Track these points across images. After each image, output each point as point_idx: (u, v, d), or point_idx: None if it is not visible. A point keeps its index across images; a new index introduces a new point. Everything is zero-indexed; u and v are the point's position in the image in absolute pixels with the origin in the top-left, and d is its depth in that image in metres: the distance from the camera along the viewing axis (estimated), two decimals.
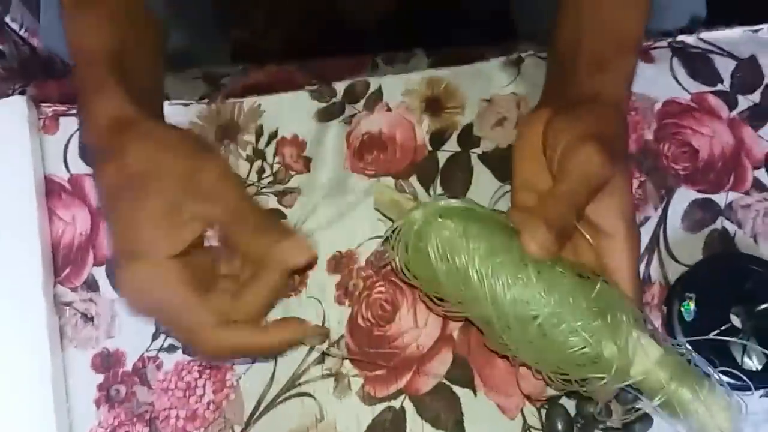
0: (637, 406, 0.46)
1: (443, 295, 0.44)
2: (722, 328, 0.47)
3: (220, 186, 0.40)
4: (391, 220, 0.49)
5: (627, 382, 0.40)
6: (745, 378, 0.44)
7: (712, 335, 0.47)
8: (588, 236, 0.42)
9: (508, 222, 0.42)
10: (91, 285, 0.51)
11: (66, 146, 0.56)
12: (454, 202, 0.44)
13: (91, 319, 0.50)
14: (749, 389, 0.46)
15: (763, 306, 0.47)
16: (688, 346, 0.46)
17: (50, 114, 0.57)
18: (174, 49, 0.54)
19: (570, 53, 0.49)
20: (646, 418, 0.45)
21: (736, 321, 0.47)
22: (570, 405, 0.46)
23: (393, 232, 0.45)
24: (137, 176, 0.40)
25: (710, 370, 0.41)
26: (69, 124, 0.56)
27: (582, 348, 0.39)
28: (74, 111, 0.57)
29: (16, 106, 0.55)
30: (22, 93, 0.58)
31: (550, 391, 0.46)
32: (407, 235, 0.44)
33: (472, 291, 0.41)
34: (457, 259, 0.41)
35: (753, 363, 0.46)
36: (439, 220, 0.43)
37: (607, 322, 0.40)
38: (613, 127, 0.44)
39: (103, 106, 0.43)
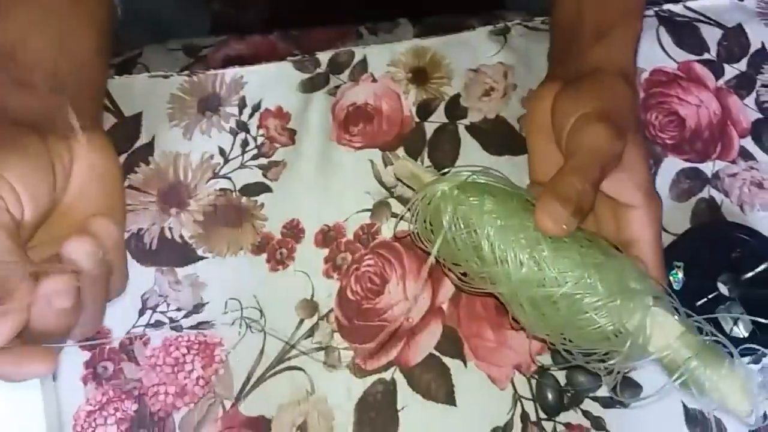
0: (626, 375, 0.46)
1: (463, 269, 0.43)
2: (710, 296, 0.47)
3: None
4: (412, 189, 0.48)
5: (646, 359, 0.39)
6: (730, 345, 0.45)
7: (699, 303, 0.47)
8: (608, 210, 0.42)
9: (527, 197, 0.42)
10: None
11: None
12: (475, 176, 0.43)
13: None
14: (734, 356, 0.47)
15: (750, 274, 0.47)
16: (709, 326, 0.47)
17: None
18: (154, 22, 0.53)
19: (572, 23, 0.48)
20: (635, 387, 0.46)
21: (723, 289, 0.47)
22: (560, 375, 0.46)
23: (414, 204, 0.44)
24: None
25: (732, 348, 0.39)
26: None
27: (598, 326, 0.39)
28: None
29: None
30: None
31: (540, 363, 0.47)
32: (424, 209, 0.43)
33: (487, 267, 0.40)
34: (473, 235, 0.41)
35: (740, 330, 0.46)
36: (456, 193, 0.42)
37: (626, 299, 0.39)
38: (620, 97, 0.43)
39: None
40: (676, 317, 0.39)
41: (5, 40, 0.42)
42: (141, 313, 0.49)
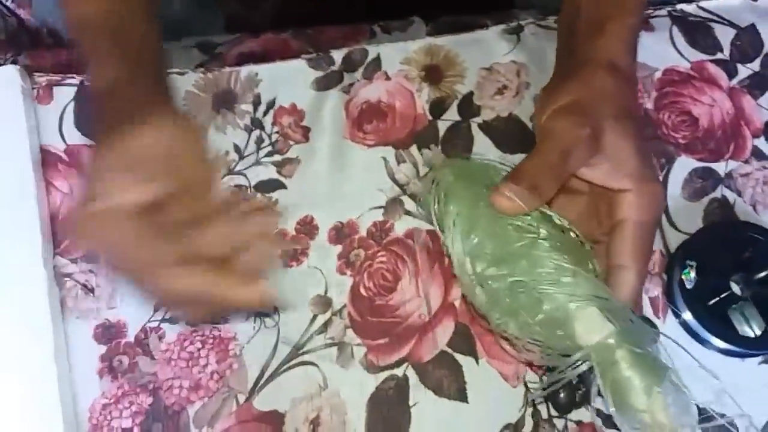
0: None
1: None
2: (722, 295, 0.47)
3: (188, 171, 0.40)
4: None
5: (578, 355, 0.39)
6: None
7: (711, 303, 0.47)
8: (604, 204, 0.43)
9: None
10: (91, 256, 0.50)
11: (61, 116, 0.55)
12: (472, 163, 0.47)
13: (92, 290, 0.49)
14: (747, 355, 0.47)
15: (763, 273, 0.47)
16: (689, 315, 0.47)
17: (44, 84, 0.56)
18: (168, 20, 0.53)
19: (571, 22, 0.49)
20: None
21: (735, 288, 0.47)
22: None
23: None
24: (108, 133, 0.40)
25: (670, 366, 0.39)
26: (63, 94, 0.55)
27: (537, 314, 0.40)
28: (69, 81, 0.56)
29: (9, 75, 0.54)
30: (14, 63, 0.57)
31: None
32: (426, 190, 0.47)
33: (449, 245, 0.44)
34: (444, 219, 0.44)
35: (752, 330, 0.46)
36: (452, 179, 0.45)
37: (568, 292, 0.40)
38: (596, 88, 0.44)
39: (99, 73, 0.43)
40: (609, 321, 0.39)
41: (101, 15, 0.45)
42: (156, 307, 0.49)
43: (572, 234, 0.43)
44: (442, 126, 0.54)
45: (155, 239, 0.37)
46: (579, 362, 0.39)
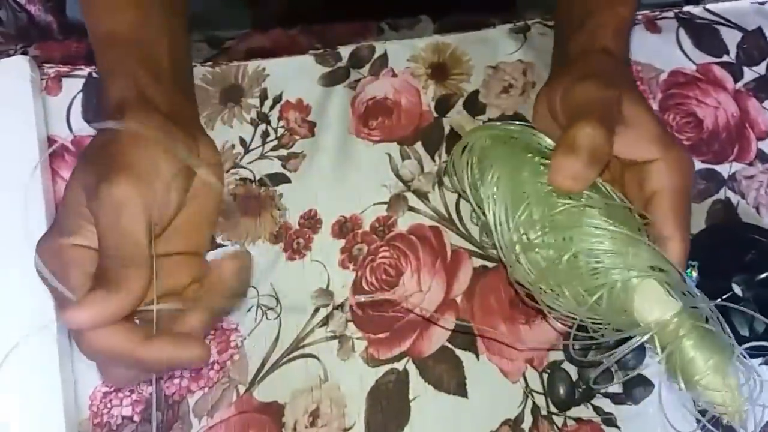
0: (639, 372, 0.46)
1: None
2: (724, 297, 0.47)
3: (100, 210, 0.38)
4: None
5: (636, 334, 0.38)
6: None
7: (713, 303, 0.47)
8: (634, 180, 0.42)
9: None
10: None
11: (69, 107, 0.55)
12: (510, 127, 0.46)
13: None
14: (749, 357, 0.47)
15: (765, 275, 0.47)
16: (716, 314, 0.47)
17: (53, 75, 0.56)
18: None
19: (564, 18, 0.50)
20: (647, 384, 0.46)
21: (737, 290, 0.47)
22: (572, 370, 0.47)
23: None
24: (84, 162, 0.40)
25: (734, 344, 0.38)
26: (72, 85, 0.56)
27: (594, 275, 0.39)
28: (77, 72, 0.56)
29: (19, 65, 0.55)
30: (24, 54, 0.57)
31: (552, 357, 0.47)
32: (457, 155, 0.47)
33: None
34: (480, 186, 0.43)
35: (753, 332, 0.46)
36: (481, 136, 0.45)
37: (623, 267, 0.38)
38: (603, 63, 0.44)
39: (115, 90, 0.43)
40: (672, 296, 0.38)
41: (126, 28, 0.45)
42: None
43: (619, 200, 0.42)
44: (448, 123, 0.54)
45: (76, 281, 0.37)
46: (639, 338, 0.38)
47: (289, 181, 0.53)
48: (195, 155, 0.43)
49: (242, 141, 0.54)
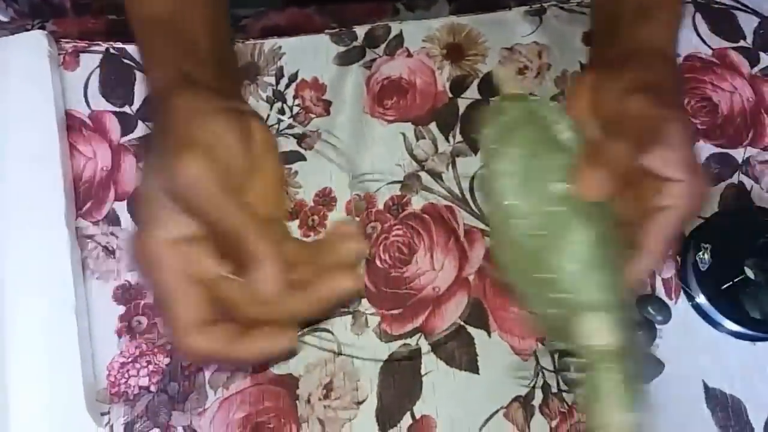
0: (648, 353, 0.47)
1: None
2: (736, 280, 0.48)
3: (187, 195, 0.38)
4: None
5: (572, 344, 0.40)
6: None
7: (725, 286, 0.47)
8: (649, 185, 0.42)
9: None
10: (113, 219, 0.51)
11: (86, 82, 0.56)
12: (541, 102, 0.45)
13: (113, 252, 0.50)
14: (759, 339, 0.47)
15: None
16: (702, 298, 0.47)
17: (70, 50, 0.57)
18: None
19: (613, 7, 0.49)
20: (657, 364, 0.46)
21: (749, 273, 0.48)
22: None
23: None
24: (151, 152, 0.40)
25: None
26: (89, 61, 0.56)
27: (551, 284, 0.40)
28: (95, 48, 0.57)
29: (36, 40, 0.55)
30: (41, 29, 0.58)
31: None
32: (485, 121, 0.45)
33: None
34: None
35: (764, 314, 0.47)
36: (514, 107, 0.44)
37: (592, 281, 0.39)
38: (660, 75, 0.43)
39: (160, 75, 0.43)
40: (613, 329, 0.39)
41: (165, 11, 0.45)
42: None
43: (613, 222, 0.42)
44: (462, 104, 0.55)
45: (183, 292, 0.37)
46: (575, 358, 0.40)
47: (304, 159, 0.53)
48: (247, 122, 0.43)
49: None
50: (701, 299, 0.48)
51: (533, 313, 0.42)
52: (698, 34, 0.57)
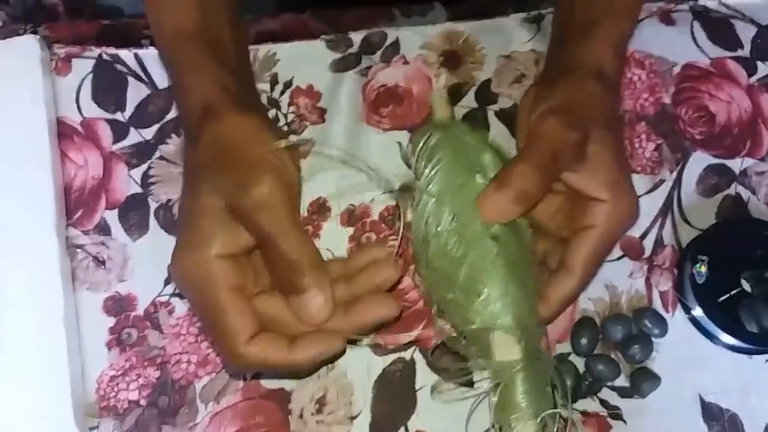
0: (645, 366, 0.46)
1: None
2: (732, 292, 0.47)
3: (256, 213, 0.38)
4: None
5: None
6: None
7: (721, 299, 0.47)
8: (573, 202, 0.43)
9: None
10: (103, 228, 0.50)
11: (78, 89, 0.55)
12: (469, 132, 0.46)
13: (103, 262, 0.49)
14: (755, 352, 0.47)
15: None
16: (699, 311, 0.47)
17: (62, 55, 0.56)
18: None
19: (563, 23, 0.49)
20: (654, 378, 0.46)
21: (746, 285, 0.47)
22: (579, 362, 0.47)
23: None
24: (206, 168, 0.40)
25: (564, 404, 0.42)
26: (81, 66, 0.55)
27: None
28: (87, 53, 0.56)
29: (28, 45, 0.54)
30: (33, 33, 0.57)
31: (559, 350, 0.47)
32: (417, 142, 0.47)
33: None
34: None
35: (761, 327, 0.46)
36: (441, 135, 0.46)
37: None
38: (586, 93, 0.44)
39: (197, 87, 0.43)
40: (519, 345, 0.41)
41: (192, 21, 0.45)
42: (167, 282, 0.49)
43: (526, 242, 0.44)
44: (459, 112, 0.54)
45: (232, 307, 0.38)
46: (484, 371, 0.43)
47: (298, 168, 0.52)
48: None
49: None
50: (698, 312, 0.47)
51: (452, 327, 0.44)
52: (696, 43, 0.56)
